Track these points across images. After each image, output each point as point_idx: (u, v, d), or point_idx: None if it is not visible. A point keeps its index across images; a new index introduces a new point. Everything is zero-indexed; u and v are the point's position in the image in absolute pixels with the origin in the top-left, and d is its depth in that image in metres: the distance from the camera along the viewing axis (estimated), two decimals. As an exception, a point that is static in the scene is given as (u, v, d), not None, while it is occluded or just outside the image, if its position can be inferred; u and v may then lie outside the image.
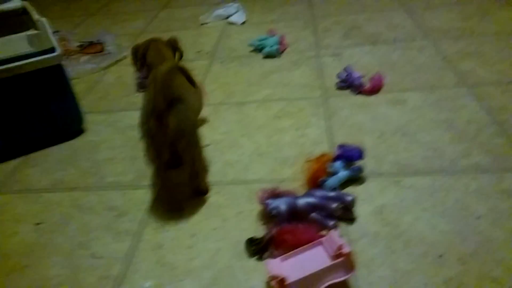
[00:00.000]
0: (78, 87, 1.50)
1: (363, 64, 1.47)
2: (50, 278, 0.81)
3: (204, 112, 1.29)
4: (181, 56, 1.09)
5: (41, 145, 1.21)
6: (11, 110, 1.12)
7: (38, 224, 0.95)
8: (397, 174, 0.96)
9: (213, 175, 1.04)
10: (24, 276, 0.82)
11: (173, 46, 1.11)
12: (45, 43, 1.10)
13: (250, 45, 1.70)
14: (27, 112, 1.14)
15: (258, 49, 1.67)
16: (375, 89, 1.28)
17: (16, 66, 1.07)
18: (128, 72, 1.60)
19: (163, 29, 2.07)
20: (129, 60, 1.72)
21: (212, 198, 0.97)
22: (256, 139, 1.16)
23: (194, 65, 1.63)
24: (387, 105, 1.23)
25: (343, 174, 0.91)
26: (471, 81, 1.28)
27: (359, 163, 0.95)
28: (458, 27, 1.66)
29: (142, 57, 1.06)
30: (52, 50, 1.11)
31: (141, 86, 1.49)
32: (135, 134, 1.24)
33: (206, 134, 1.20)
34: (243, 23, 2.00)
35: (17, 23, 1.19)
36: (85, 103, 1.35)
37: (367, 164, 0.98)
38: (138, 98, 1.44)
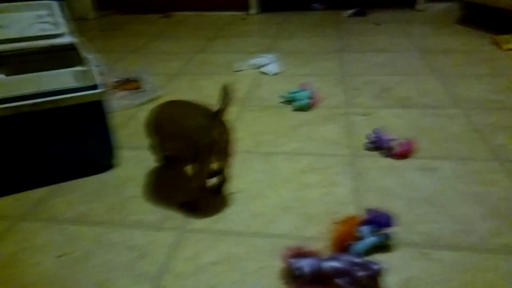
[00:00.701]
0: (112, 121, 1.54)
1: (393, 127, 1.48)
2: (65, 316, 0.80)
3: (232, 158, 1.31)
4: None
5: (70, 176, 1.23)
6: (49, 140, 1.16)
7: (60, 256, 0.95)
8: (426, 245, 0.94)
9: (236, 225, 1.03)
10: (40, 310, 0.81)
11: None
12: (90, 79, 1.15)
13: (282, 96, 1.74)
14: (63, 143, 1.18)
15: (289, 101, 1.70)
16: (404, 154, 1.28)
17: (60, 99, 1.11)
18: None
19: (197, 72, 2.14)
20: (163, 99, 1.79)
21: (234, 249, 0.96)
22: (282, 192, 1.16)
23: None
24: (416, 171, 1.22)
25: (371, 240, 0.90)
26: (504, 156, 1.27)
27: (387, 230, 0.94)
28: (490, 99, 1.66)
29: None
30: (95, 86, 1.16)
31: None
32: (163, 174, 1.26)
33: (233, 182, 1.21)
34: (276, 74, 2.05)
35: (66, 58, 1.25)
36: (117, 137, 1.38)
37: (395, 232, 0.96)
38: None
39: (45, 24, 1.30)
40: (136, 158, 1.35)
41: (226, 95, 1.01)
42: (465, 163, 1.25)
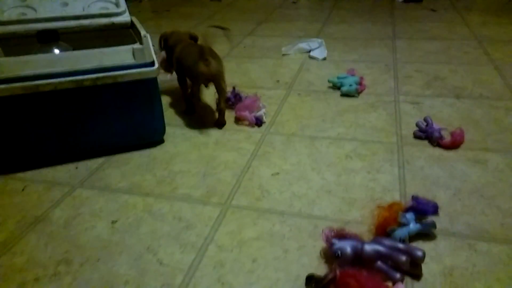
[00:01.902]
0: (162, 99, 1.60)
1: (444, 116, 1.44)
2: (118, 276, 0.86)
3: (276, 140, 1.33)
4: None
5: (125, 149, 1.30)
6: (106, 113, 1.23)
7: (113, 222, 1.01)
8: (471, 236, 0.92)
9: (279, 204, 1.06)
10: (95, 269, 0.88)
11: (192, 36, 1.60)
12: (147, 57, 1.20)
13: (329, 81, 1.73)
14: (119, 117, 1.24)
15: (337, 87, 1.69)
16: (455, 144, 1.24)
17: (119, 75, 1.17)
18: (209, 92, 1.68)
19: (245, 55, 2.17)
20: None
21: (277, 226, 0.98)
22: (325, 175, 1.17)
23: (272, 93, 1.68)
24: (466, 162, 1.19)
25: (414, 226, 0.89)
26: None
27: (431, 218, 0.93)
28: (552, 92, 1.57)
29: (165, 41, 1.58)
30: (152, 64, 1.21)
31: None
32: (210, 152, 1.30)
33: (276, 162, 1.23)
34: (324, 59, 2.04)
35: (125, 36, 1.31)
36: (166, 115, 1.44)
37: (439, 221, 0.95)
38: (216, 118, 1.51)
39: (106, 3, 1.37)
40: (183, 136, 1.40)
41: (206, 39, 1.36)
42: (519, 157, 1.20)
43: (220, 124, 1.45)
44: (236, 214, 1.03)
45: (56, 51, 1.29)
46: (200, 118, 1.52)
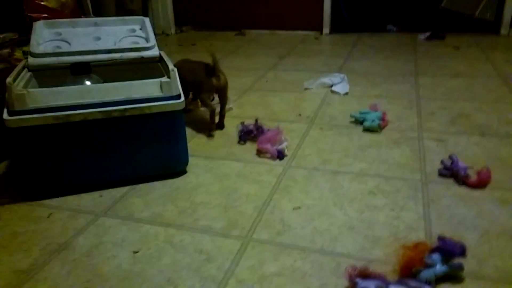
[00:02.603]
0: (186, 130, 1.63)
1: (469, 154, 1.41)
2: (138, 307, 0.86)
3: (298, 174, 1.33)
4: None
5: (148, 179, 1.31)
6: (133, 144, 1.26)
7: (135, 252, 1.02)
8: (500, 280, 0.89)
9: (301, 240, 1.04)
10: (116, 299, 0.88)
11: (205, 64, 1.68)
12: (174, 90, 1.23)
13: (351, 116, 1.73)
14: (144, 148, 1.27)
15: (359, 122, 1.69)
16: (482, 183, 1.22)
17: (146, 107, 1.21)
18: (232, 124, 1.71)
19: (268, 88, 2.20)
20: (234, 112, 1.86)
21: (298, 262, 0.97)
22: (348, 211, 1.15)
23: (293, 127, 1.70)
24: (493, 202, 1.16)
25: (440, 268, 0.87)
26: None
27: (459, 260, 0.90)
28: None
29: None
30: (178, 97, 1.24)
31: (241, 137, 1.60)
32: (231, 183, 1.30)
33: (297, 196, 1.23)
34: (346, 94, 2.05)
35: (153, 69, 1.36)
36: (189, 146, 1.46)
37: (467, 263, 0.92)
38: (238, 150, 1.52)
39: (137, 38, 1.43)
40: (207, 167, 1.41)
41: (213, 57, 1.59)
42: (550, 198, 1.16)
43: (221, 126, 1.71)
44: (257, 248, 1.02)
45: (88, 82, 1.35)
46: (221, 149, 1.53)
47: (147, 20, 1.49)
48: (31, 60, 1.33)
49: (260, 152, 1.49)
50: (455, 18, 3.22)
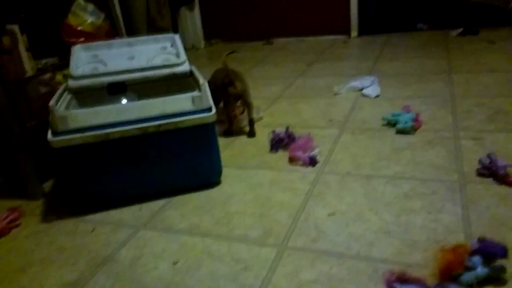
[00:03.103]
0: (222, 140, 1.67)
1: (509, 152, 1.37)
2: (179, 316, 0.89)
3: (331, 180, 1.33)
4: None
5: (184, 191, 1.35)
6: (168, 157, 1.30)
7: (175, 263, 1.05)
8: (548, 283, 0.85)
9: (336, 246, 1.04)
10: (158, 309, 0.91)
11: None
12: (205, 103, 1.27)
13: (384, 119, 1.72)
14: (179, 161, 1.31)
15: (391, 124, 1.67)
16: (523, 181, 1.17)
17: (180, 121, 1.25)
18: (263, 133, 1.73)
19: (297, 95, 2.21)
20: (265, 121, 1.88)
21: (334, 269, 0.97)
22: (383, 216, 1.14)
23: (325, 133, 1.70)
24: (537, 201, 1.11)
25: (482, 271, 0.85)
26: None
27: (500, 261, 0.87)
28: None
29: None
30: (210, 109, 1.28)
31: (273, 146, 1.62)
32: (265, 192, 1.32)
33: (331, 202, 1.23)
34: (377, 96, 2.03)
35: (185, 84, 1.40)
36: (222, 157, 1.49)
37: (509, 265, 0.89)
38: (270, 159, 1.54)
39: (168, 55, 1.48)
40: (240, 177, 1.44)
41: (226, 65, 1.84)
42: None
43: (252, 134, 1.76)
44: (293, 256, 1.03)
45: (124, 101, 1.41)
46: (253, 158, 1.56)
47: (177, 37, 1.54)
48: (71, 83, 1.40)
49: (292, 160, 1.50)
50: (488, 12, 3.12)
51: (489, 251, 0.87)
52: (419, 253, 0.98)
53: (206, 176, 1.37)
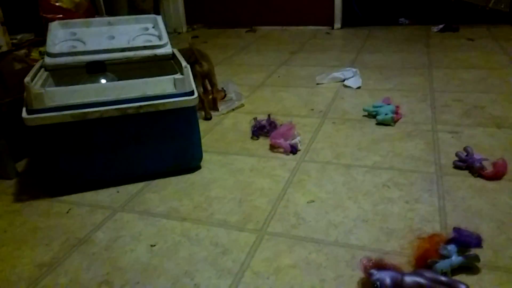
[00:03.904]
0: (201, 126, 1.65)
1: (484, 146, 1.40)
2: (156, 299, 0.88)
3: (311, 168, 1.33)
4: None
5: (164, 174, 1.33)
6: (148, 140, 1.28)
7: (152, 246, 1.04)
8: (518, 271, 0.88)
9: (316, 232, 1.05)
10: (135, 291, 0.90)
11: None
12: (187, 86, 1.25)
13: (364, 110, 1.73)
14: (159, 144, 1.29)
15: (372, 115, 1.69)
16: (497, 175, 1.21)
17: (160, 103, 1.22)
18: (244, 120, 1.72)
19: (280, 84, 2.20)
20: (246, 108, 1.87)
21: (313, 255, 0.98)
22: (362, 204, 1.15)
23: (306, 122, 1.70)
24: (509, 194, 1.15)
25: (456, 259, 0.87)
26: None
27: (474, 251, 0.90)
28: None
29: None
30: (191, 93, 1.25)
31: (254, 132, 1.59)
32: (245, 178, 1.32)
33: (311, 190, 1.23)
34: (359, 88, 2.05)
35: (166, 66, 1.38)
36: (203, 142, 1.47)
37: (483, 254, 0.91)
38: (251, 145, 1.53)
39: (150, 36, 1.45)
40: (221, 162, 1.43)
41: (193, 46, 1.77)
42: None
43: (215, 108, 1.85)
44: (272, 241, 1.03)
45: (103, 81, 1.37)
46: (234, 144, 1.55)
47: (159, 18, 1.50)
48: (47, 60, 1.35)
49: (273, 147, 1.49)
50: (469, 9, 3.17)
51: (463, 240, 0.89)
52: (396, 241, 1.00)
53: (187, 160, 1.36)
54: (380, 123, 1.63)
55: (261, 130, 1.59)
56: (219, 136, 1.64)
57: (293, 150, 1.46)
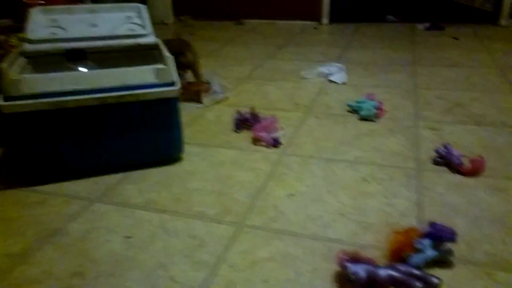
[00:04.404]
0: (184, 118, 1.63)
1: (464, 143, 1.41)
2: (130, 290, 0.87)
3: (293, 162, 1.33)
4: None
5: (143, 166, 1.32)
6: (128, 130, 1.26)
7: (128, 237, 1.02)
8: (491, 266, 0.89)
9: (294, 226, 1.05)
10: (108, 284, 0.89)
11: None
12: (169, 77, 1.23)
13: (348, 105, 1.73)
14: (139, 134, 1.27)
15: (355, 111, 1.69)
16: (475, 171, 1.22)
17: (141, 93, 1.20)
18: (228, 113, 1.71)
19: (265, 77, 2.20)
20: (230, 101, 1.86)
21: (290, 248, 0.97)
22: (341, 198, 1.16)
23: (290, 116, 1.70)
24: (486, 190, 1.16)
25: (431, 253, 0.87)
26: None
27: (449, 245, 0.91)
28: None
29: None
30: (173, 84, 1.24)
31: (237, 125, 1.59)
32: (226, 171, 1.31)
33: (292, 184, 1.23)
34: (344, 83, 2.05)
35: (149, 56, 1.35)
36: (185, 134, 1.46)
37: (457, 248, 0.92)
38: (233, 138, 1.53)
39: (133, 25, 1.42)
40: (202, 154, 1.42)
41: (179, 35, 1.88)
42: (543, 186, 1.17)
43: (199, 100, 1.83)
44: (249, 234, 1.03)
45: (83, 69, 1.34)
46: (217, 137, 1.53)
47: (143, 7, 1.48)
48: (26, 46, 1.32)
49: (255, 140, 1.49)
50: (455, 8, 3.20)
51: (438, 235, 0.90)
52: (372, 235, 1.00)
53: (167, 152, 1.34)
54: (363, 119, 1.64)
55: (244, 123, 1.59)
56: (201, 128, 1.62)
57: (276, 143, 1.45)
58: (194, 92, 1.82)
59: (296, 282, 0.88)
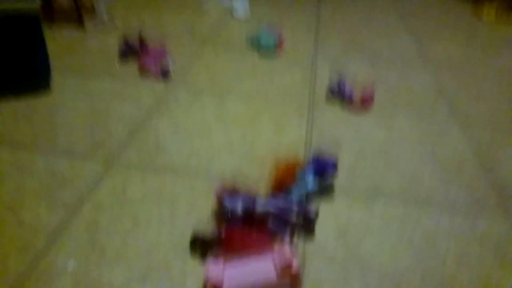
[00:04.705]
0: (59, 45, 1.41)
1: (358, 79, 1.40)
2: (-37, 239, 0.72)
3: (182, 96, 1.22)
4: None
5: (2, 92, 1.11)
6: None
7: (-32, 177, 0.85)
8: (369, 196, 0.89)
9: (175, 162, 0.95)
10: None
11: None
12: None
13: (248, 39, 1.63)
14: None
15: (255, 45, 1.60)
16: (365, 105, 1.21)
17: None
18: (114, 42, 1.51)
19: (163, 5, 1.99)
20: (120, 31, 1.65)
21: (168, 186, 0.88)
22: (230, 133, 1.08)
23: (186, 49, 1.55)
24: (372, 125, 1.16)
25: (312, 185, 0.84)
26: (463, 118, 1.23)
27: (331, 176, 0.88)
28: (459, 61, 1.61)
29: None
30: (32, 0, 1.02)
31: (122, 54, 1.40)
32: (104, 104, 1.15)
33: (178, 118, 1.12)
34: (246, 18, 1.93)
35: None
36: (60, 63, 1.26)
37: (339, 180, 0.91)
38: (117, 69, 1.35)
39: None
40: (78, 86, 1.24)
41: None
42: (424, 121, 1.20)
43: (80, 24, 1.59)
44: (123, 172, 0.91)
45: None
46: (98, 67, 1.35)
47: None
48: None
49: (142, 71, 1.33)
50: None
51: (320, 166, 0.87)
52: (258, 168, 0.95)
53: (29, 76, 1.14)
54: (262, 54, 1.55)
55: (130, 51, 1.41)
56: (80, 57, 1.41)
57: (165, 75, 1.32)
58: (73, 14, 1.58)
59: (170, 220, 0.79)
